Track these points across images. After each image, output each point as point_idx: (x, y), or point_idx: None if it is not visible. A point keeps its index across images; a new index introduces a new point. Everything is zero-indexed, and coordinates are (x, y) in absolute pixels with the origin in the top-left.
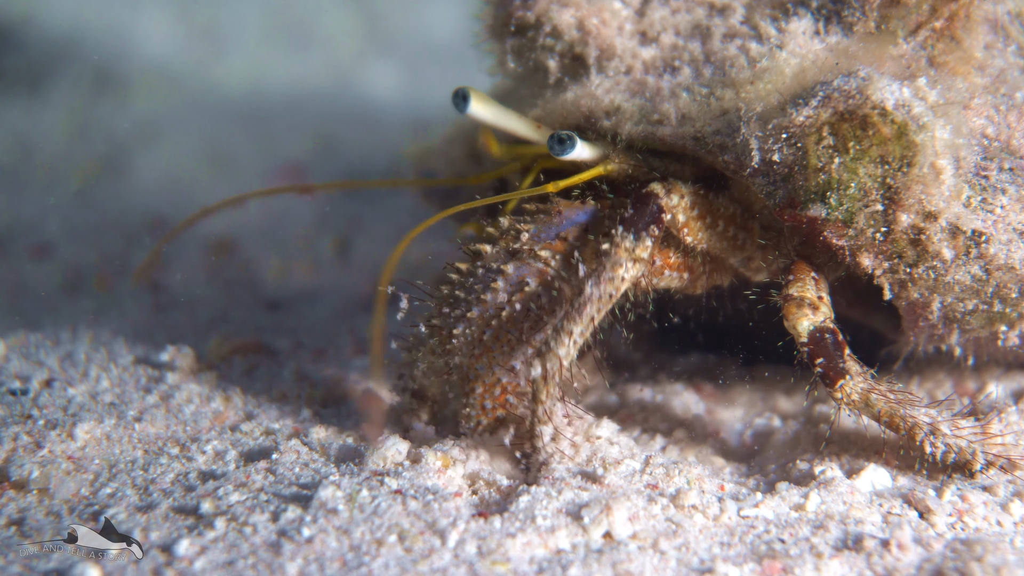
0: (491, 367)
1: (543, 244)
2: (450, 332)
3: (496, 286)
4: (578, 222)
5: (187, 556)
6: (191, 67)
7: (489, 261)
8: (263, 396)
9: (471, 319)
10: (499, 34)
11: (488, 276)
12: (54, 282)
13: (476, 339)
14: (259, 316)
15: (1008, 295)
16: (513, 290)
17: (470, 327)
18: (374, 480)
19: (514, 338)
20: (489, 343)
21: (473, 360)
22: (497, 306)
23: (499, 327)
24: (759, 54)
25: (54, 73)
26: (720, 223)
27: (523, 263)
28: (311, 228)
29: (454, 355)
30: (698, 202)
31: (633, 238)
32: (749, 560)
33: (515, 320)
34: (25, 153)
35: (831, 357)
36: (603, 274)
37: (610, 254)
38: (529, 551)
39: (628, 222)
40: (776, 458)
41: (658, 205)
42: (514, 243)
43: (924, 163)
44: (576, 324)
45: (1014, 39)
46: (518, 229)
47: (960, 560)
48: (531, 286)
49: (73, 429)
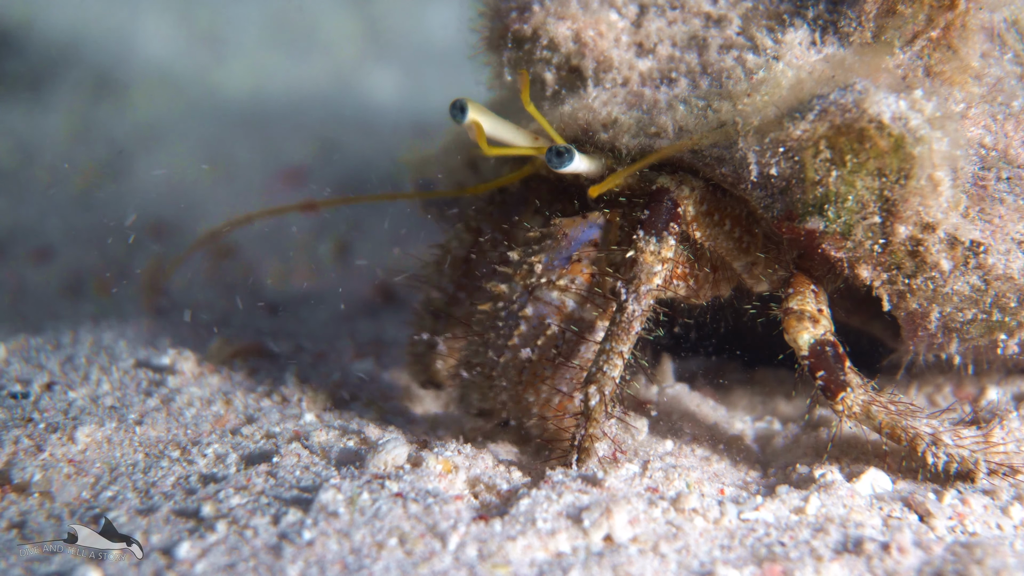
0: (539, 395)
1: (558, 272)
2: (489, 375)
3: (520, 332)
4: (586, 239)
5: (188, 559)
6: (192, 71)
7: (508, 303)
8: (264, 399)
9: (504, 363)
10: (496, 47)
11: (510, 322)
12: (55, 286)
13: (516, 380)
14: (260, 319)
15: (1007, 304)
16: (537, 333)
17: (506, 370)
18: (375, 483)
19: (553, 369)
20: (529, 380)
21: (520, 392)
22: (525, 350)
23: (534, 365)
24: (756, 65)
25: (55, 77)
26: (727, 222)
27: (541, 302)
28: (311, 232)
29: (500, 393)
30: (707, 197)
31: (656, 240)
32: (749, 563)
33: (548, 357)
34: (26, 157)
35: (832, 370)
36: (640, 288)
37: (639, 263)
38: (530, 554)
39: (647, 224)
40: (776, 461)
41: (672, 200)
42: (529, 278)
43: (922, 175)
44: (625, 343)
45: (1011, 47)
46: (530, 263)
47: (960, 563)
48: (553, 326)
49: (74, 432)
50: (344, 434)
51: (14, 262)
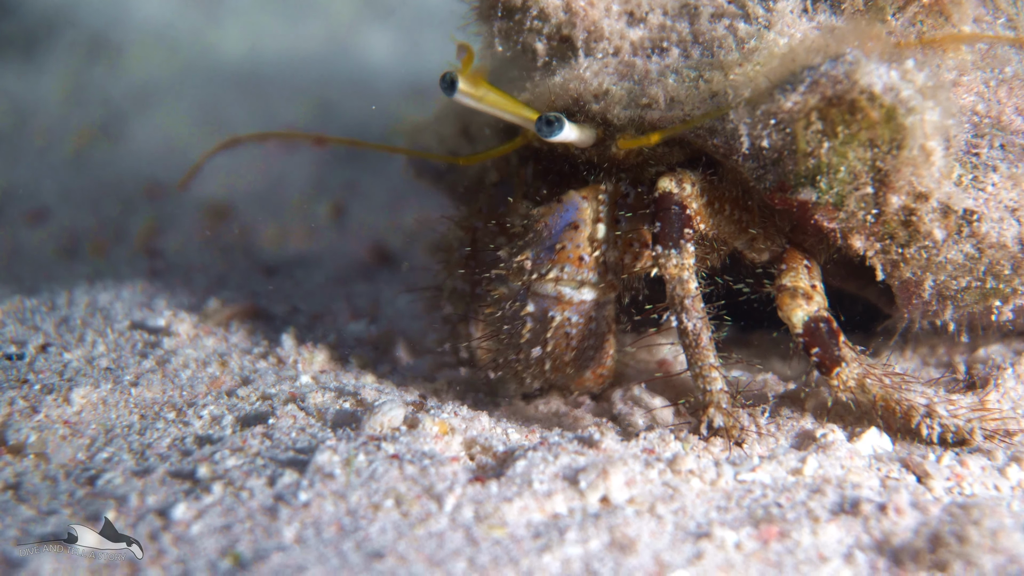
0: (568, 375)
1: (547, 264)
2: (515, 371)
3: (528, 329)
4: (565, 223)
5: (184, 520)
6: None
7: (511, 303)
8: (260, 361)
9: (524, 359)
10: (487, 17)
11: (517, 323)
12: (50, 247)
13: (540, 372)
14: (256, 281)
15: (1001, 272)
16: (544, 327)
17: (528, 366)
18: (371, 445)
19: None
20: (553, 367)
21: (551, 378)
22: (539, 348)
23: (553, 356)
24: (747, 34)
25: (49, 38)
26: (726, 207)
27: (539, 297)
28: (307, 193)
29: (535, 381)
30: (706, 189)
31: (676, 251)
32: (746, 524)
33: (563, 345)
34: (20, 119)
35: (826, 346)
36: (685, 302)
37: (671, 279)
38: (526, 515)
39: (663, 238)
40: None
41: (679, 204)
42: (522, 276)
43: (914, 145)
44: (708, 355)
45: (1003, 11)
46: (519, 262)
47: (957, 524)
48: (558, 316)
49: (69, 394)
50: (340, 396)
51: (9, 224)
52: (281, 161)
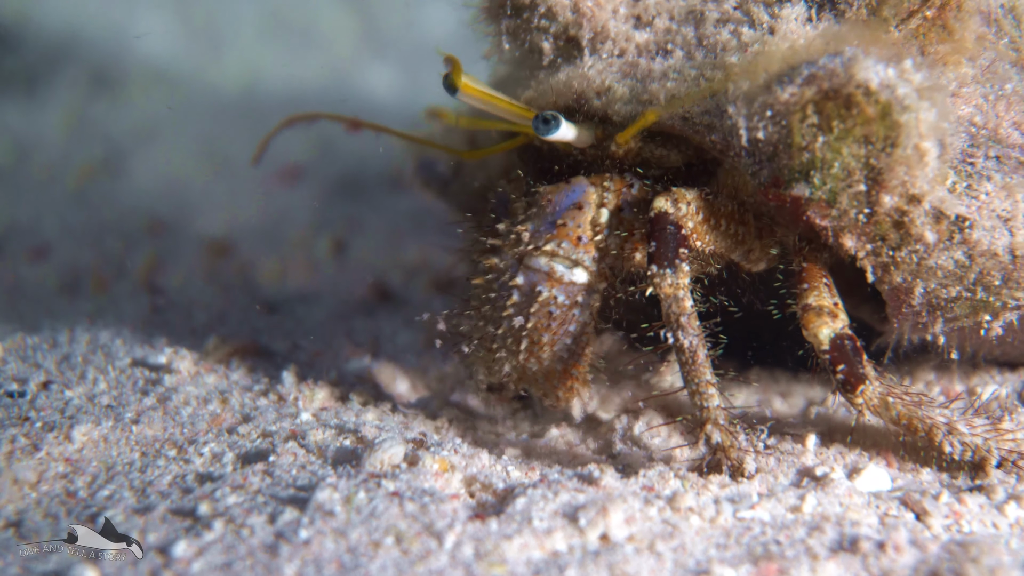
0: (541, 363)
1: (545, 238)
2: (490, 348)
3: (513, 301)
4: (570, 203)
5: (184, 558)
6: (188, 67)
7: (500, 274)
8: (261, 398)
9: (502, 333)
10: (495, 15)
11: (503, 293)
12: (51, 284)
13: (515, 349)
14: (256, 318)
15: (991, 283)
16: (530, 300)
17: (504, 340)
18: (371, 482)
19: (550, 335)
20: (528, 348)
21: (522, 362)
22: (518, 318)
23: (531, 333)
24: (751, 39)
25: (51, 73)
26: (723, 222)
27: (531, 270)
28: (308, 229)
29: (503, 364)
30: (703, 206)
31: (671, 271)
32: (745, 561)
33: (543, 324)
34: (22, 155)
35: (852, 363)
36: (680, 319)
37: (666, 299)
38: (526, 553)
39: (658, 257)
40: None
41: (674, 224)
42: (517, 247)
43: (908, 144)
44: (704, 372)
45: (1007, 32)
46: (518, 232)
47: (956, 561)
48: (545, 292)
49: (71, 431)
50: (340, 433)
51: (10, 260)
52: (281, 197)
